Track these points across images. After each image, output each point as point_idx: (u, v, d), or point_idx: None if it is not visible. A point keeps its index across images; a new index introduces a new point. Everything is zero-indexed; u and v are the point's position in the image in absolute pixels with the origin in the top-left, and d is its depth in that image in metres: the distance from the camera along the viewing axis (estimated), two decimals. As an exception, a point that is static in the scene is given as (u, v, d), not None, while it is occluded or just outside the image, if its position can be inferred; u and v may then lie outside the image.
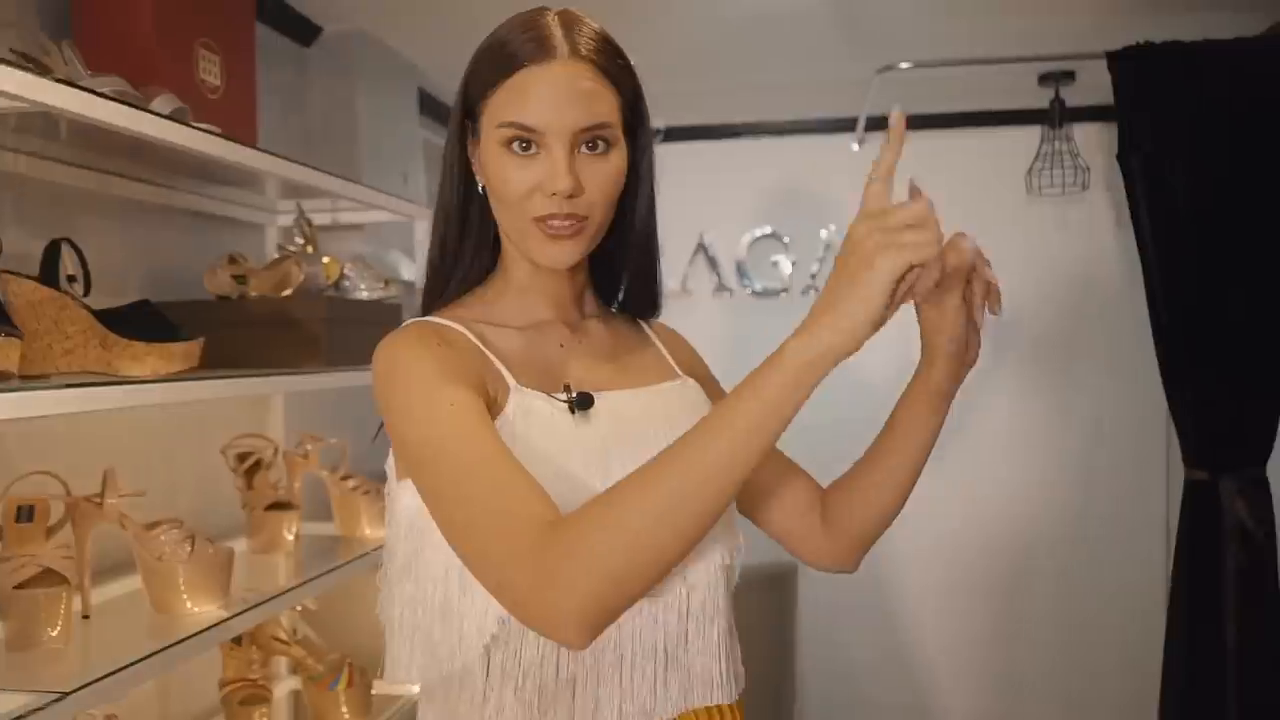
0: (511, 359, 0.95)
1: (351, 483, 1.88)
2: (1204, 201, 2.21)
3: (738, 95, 2.95)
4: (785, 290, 3.09)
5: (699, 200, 3.03)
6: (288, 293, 1.74)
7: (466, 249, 1.00)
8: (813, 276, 3.08)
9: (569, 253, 0.94)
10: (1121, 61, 2.28)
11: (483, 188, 0.97)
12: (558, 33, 0.91)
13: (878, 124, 2.89)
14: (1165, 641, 2.33)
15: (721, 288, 3.10)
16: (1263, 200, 2.20)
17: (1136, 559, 2.95)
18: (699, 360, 1.15)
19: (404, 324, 0.97)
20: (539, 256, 0.94)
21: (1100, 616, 2.96)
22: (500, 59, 0.92)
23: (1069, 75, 2.66)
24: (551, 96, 0.90)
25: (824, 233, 3.07)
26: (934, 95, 2.80)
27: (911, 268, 0.74)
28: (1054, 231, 2.99)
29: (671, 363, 1.08)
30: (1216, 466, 2.24)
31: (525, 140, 0.91)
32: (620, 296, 1.08)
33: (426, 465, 0.85)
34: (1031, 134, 2.79)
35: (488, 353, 0.94)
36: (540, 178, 0.90)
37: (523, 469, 0.82)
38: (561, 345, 1.01)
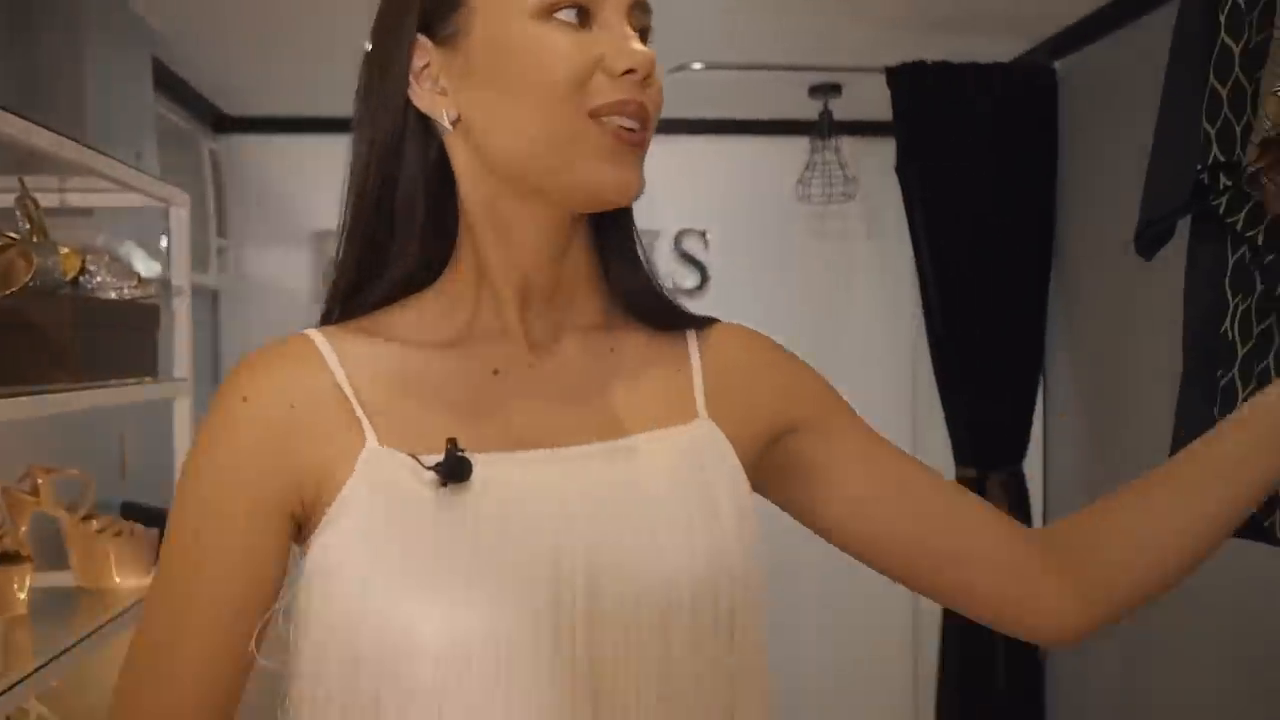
0: (393, 399, 0.67)
1: (96, 524, 1.54)
2: (971, 214, 2.35)
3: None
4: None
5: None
6: (10, 291, 1.39)
7: (408, 225, 0.68)
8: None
9: (640, 175, 0.66)
10: (899, 77, 2.37)
11: (453, 121, 0.67)
12: None
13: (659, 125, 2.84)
14: (942, 625, 2.45)
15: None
16: (1022, 213, 2.38)
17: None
18: (794, 379, 0.79)
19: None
20: (604, 179, 0.65)
21: (862, 618, 3.07)
22: None
23: (836, 89, 2.75)
24: None
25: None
26: (711, 101, 2.80)
27: None
28: (810, 239, 3.09)
29: (697, 395, 0.74)
30: (984, 464, 2.39)
31: (576, 5, 0.64)
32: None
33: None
34: (802, 144, 2.85)
35: (348, 393, 0.66)
36: (602, 52, 0.64)
37: (210, 644, 0.65)
38: (497, 372, 0.69)
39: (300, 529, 0.66)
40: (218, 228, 2.80)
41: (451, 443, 0.63)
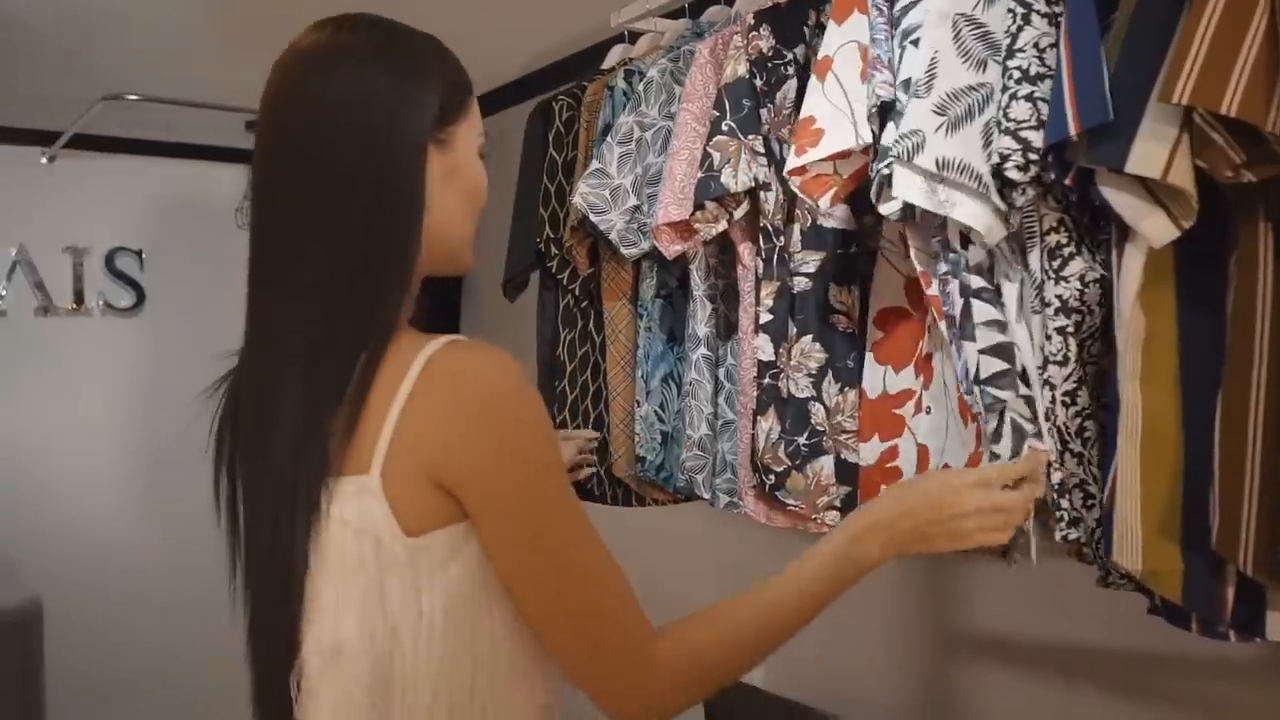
0: None
1: None
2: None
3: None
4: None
5: None
6: None
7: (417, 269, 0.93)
8: (0, 297, 2.86)
9: None
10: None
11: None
12: None
13: (83, 142, 2.83)
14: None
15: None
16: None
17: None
18: None
19: (485, 347, 0.87)
20: (469, 263, 1.00)
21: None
22: (463, 76, 0.95)
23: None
24: None
25: (13, 250, 2.88)
26: (147, 124, 2.86)
27: None
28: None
29: None
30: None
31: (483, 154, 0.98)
32: None
33: (543, 534, 0.84)
34: (242, 172, 3.03)
35: None
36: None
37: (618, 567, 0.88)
38: None
39: None
40: None
41: None
